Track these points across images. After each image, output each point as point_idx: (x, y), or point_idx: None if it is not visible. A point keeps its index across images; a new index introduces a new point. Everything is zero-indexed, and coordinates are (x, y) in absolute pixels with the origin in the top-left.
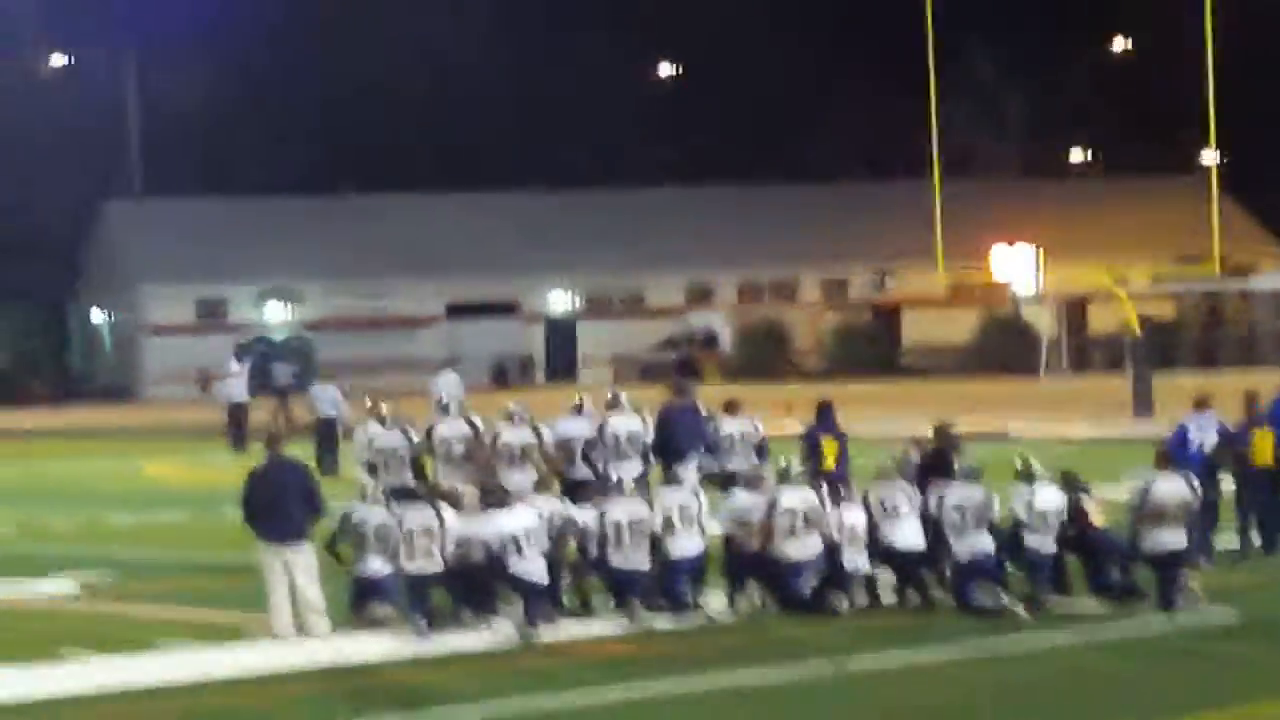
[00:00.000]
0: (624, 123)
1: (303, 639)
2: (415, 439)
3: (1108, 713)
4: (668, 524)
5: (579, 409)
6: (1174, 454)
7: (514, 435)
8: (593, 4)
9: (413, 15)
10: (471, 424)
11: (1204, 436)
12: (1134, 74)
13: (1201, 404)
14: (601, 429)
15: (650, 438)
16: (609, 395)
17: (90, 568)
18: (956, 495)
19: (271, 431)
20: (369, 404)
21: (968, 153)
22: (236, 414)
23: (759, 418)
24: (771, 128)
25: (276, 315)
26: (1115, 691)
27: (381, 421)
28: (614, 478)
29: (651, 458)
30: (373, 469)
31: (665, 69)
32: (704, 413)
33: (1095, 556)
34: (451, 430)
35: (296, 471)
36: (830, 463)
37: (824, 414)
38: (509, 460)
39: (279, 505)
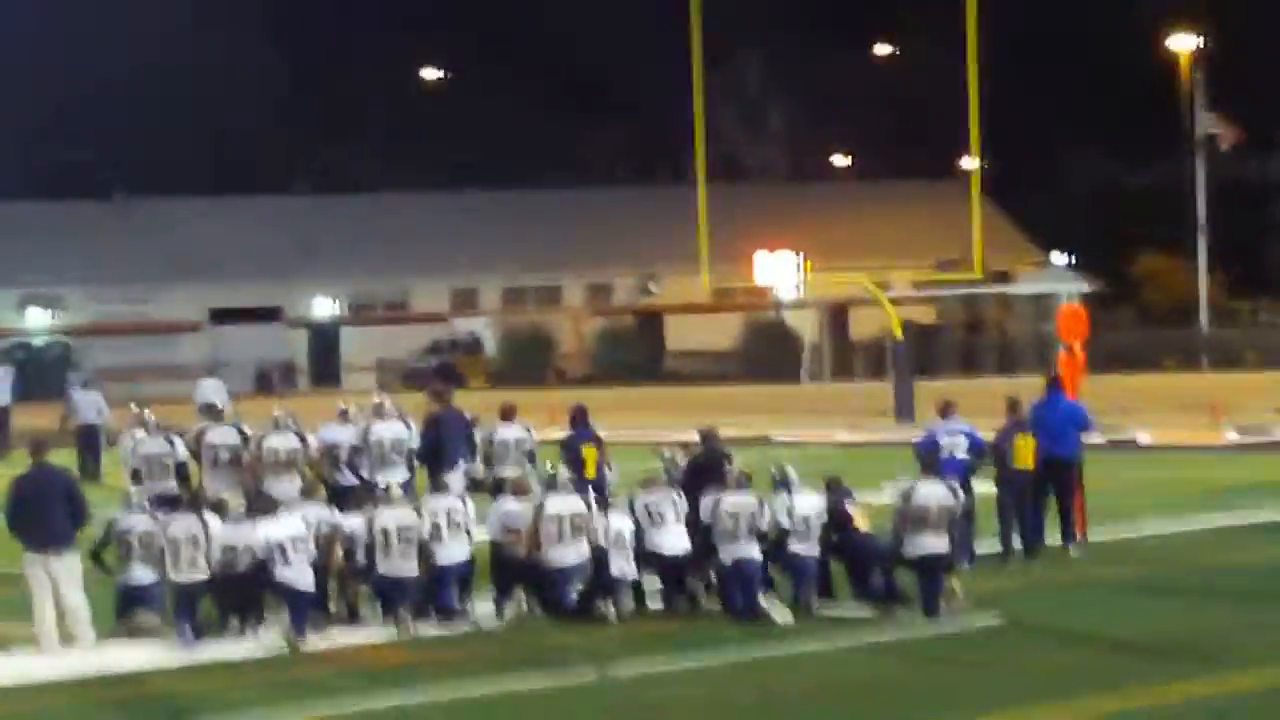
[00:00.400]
0: (391, 126)
1: (68, 648)
2: (180, 445)
3: (871, 718)
4: (435, 530)
5: (344, 415)
6: (925, 460)
7: (280, 441)
8: (364, 6)
9: (182, 12)
10: (240, 430)
11: (954, 442)
12: (897, 79)
13: (946, 410)
14: (366, 435)
15: (415, 444)
16: (374, 401)
17: None
18: (730, 502)
19: (36, 438)
20: (134, 410)
21: (732, 157)
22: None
23: (531, 424)
24: (537, 132)
25: (38, 320)
26: (880, 696)
27: (145, 428)
28: (381, 484)
29: (416, 464)
30: (137, 475)
31: (432, 73)
32: (469, 417)
33: (858, 561)
34: (220, 436)
35: (60, 478)
36: (590, 469)
37: (580, 420)
38: (274, 467)
39: (42, 512)
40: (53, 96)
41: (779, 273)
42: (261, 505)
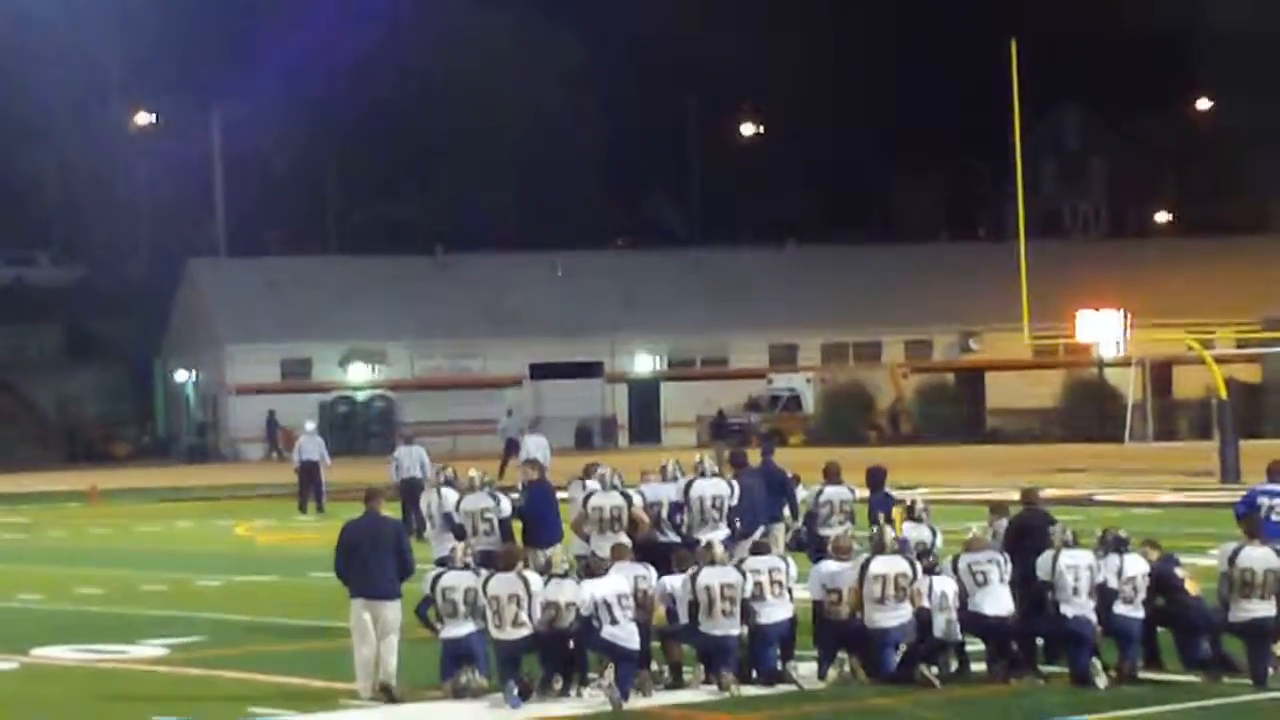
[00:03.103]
0: (711, 181)
1: (393, 706)
2: (505, 502)
3: None
4: (757, 590)
5: (664, 471)
6: (1244, 521)
7: (605, 499)
8: (678, 63)
9: (502, 73)
10: (625, 494)
11: (1273, 503)
12: (1216, 133)
13: (1276, 471)
14: (687, 491)
15: (735, 501)
16: (696, 460)
17: (180, 632)
18: (1068, 558)
19: (370, 487)
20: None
21: (1053, 213)
22: (309, 473)
23: (855, 485)
24: (856, 187)
25: (360, 375)
26: None
27: (470, 485)
28: (702, 542)
29: (737, 523)
30: (460, 531)
31: (748, 128)
32: (789, 476)
33: (1185, 626)
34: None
35: (390, 527)
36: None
37: (879, 482)
38: (600, 524)
39: (371, 560)
40: (376, 153)
41: (1101, 330)
42: (591, 564)
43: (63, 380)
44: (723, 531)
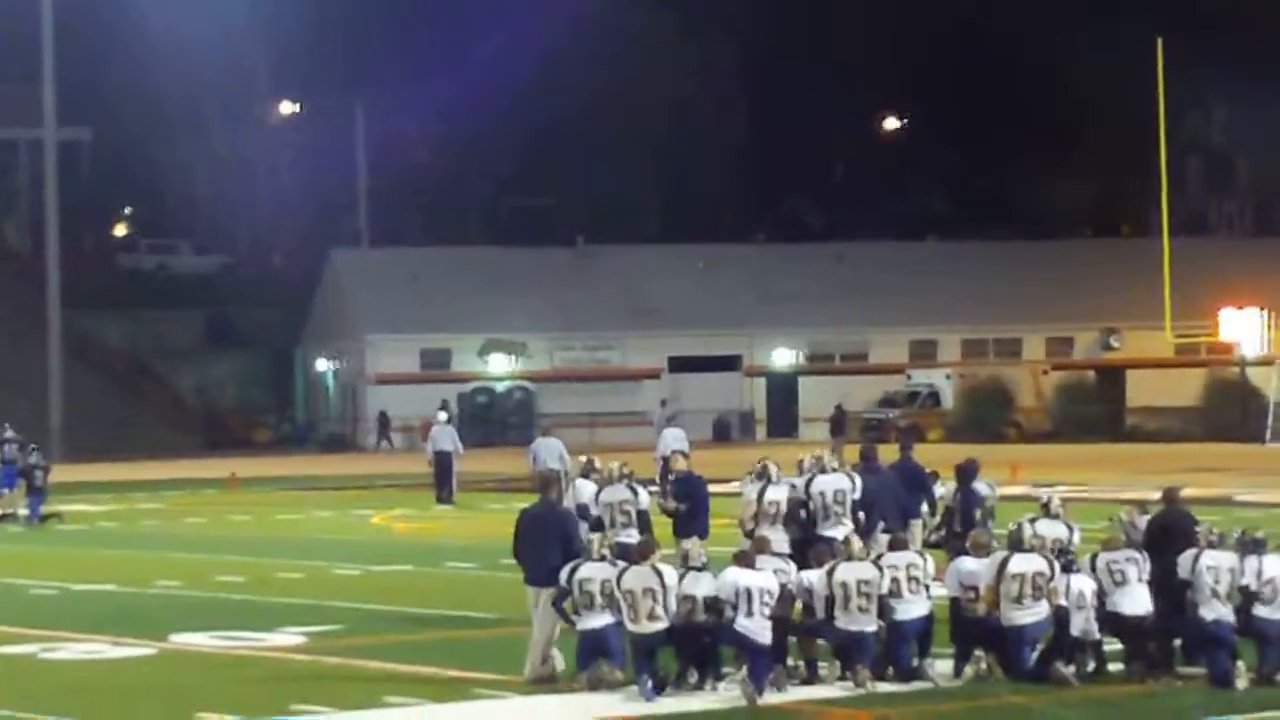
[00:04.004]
0: (852, 174)
1: (526, 697)
2: (643, 494)
3: None
4: (894, 586)
5: (800, 466)
6: None
7: (778, 493)
8: (822, 57)
9: (646, 67)
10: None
11: None
12: None
13: None
14: (809, 487)
15: (858, 495)
16: (814, 455)
17: (317, 620)
18: (1210, 558)
19: (546, 474)
20: (583, 460)
21: (1197, 211)
22: (443, 464)
23: (994, 482)
24: (998, 183)
25: (499, 366)
26: None
27: (610, 476)
28: (840, 537)
29: (862, 518)
30: (599, 523)
31: (891, 122)
32: (928, 473)
33: None
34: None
35: (560, 516)
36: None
37: (969, 476)
38: (773, 519)
39: (540, 548)
40: (518, 144)
41: (1244, 329)
42: (741, 554)
43: (204, 367)
44: (846, 526)
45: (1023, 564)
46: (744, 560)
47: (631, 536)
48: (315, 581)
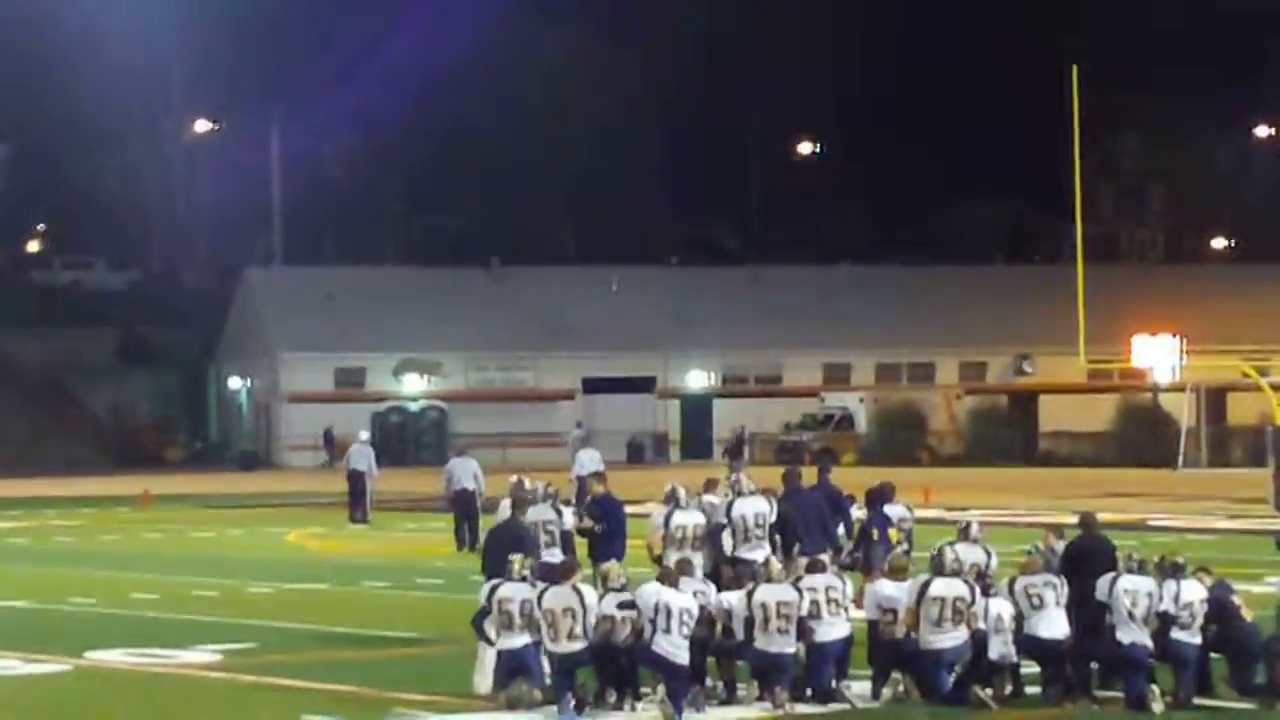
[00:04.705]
0: (765, 200)
1: (455, 715)
2: (568, 515)
3: None
4: (814, 608)
5: (709, 487)
6: None
7: (687, 518)
8: (738, 84)
9: (563, 89)
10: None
11: None
12: (1277, 159)
13: None
14: (729, 510)
15: (774, 519)
16: (731, 477)
17: (232, 638)
18: (1127, 583)
19: (517, 491)
20: (513, 480)
21: (1109, 237)
22: (356, 483)
23: (911, 504)
24: (913, 209)
25: (414, 386)
26: None
27: (534, 496)
28: (761, 559)
29: (778, 540)
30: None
31: (806, 147)
32: (845, 495)
33: (1241, 654)
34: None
35: (524, 531)
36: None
37: (880, 500)
38: (679, 544)
39: (501, 564)
40: (434, 163)
41: (1156, 355)
42: (664, 575)
43: (116, 385)
44: (765, 549)
45: (943, 588)
46: (667, 579)
47: (554, 556)
48: (230, 599)
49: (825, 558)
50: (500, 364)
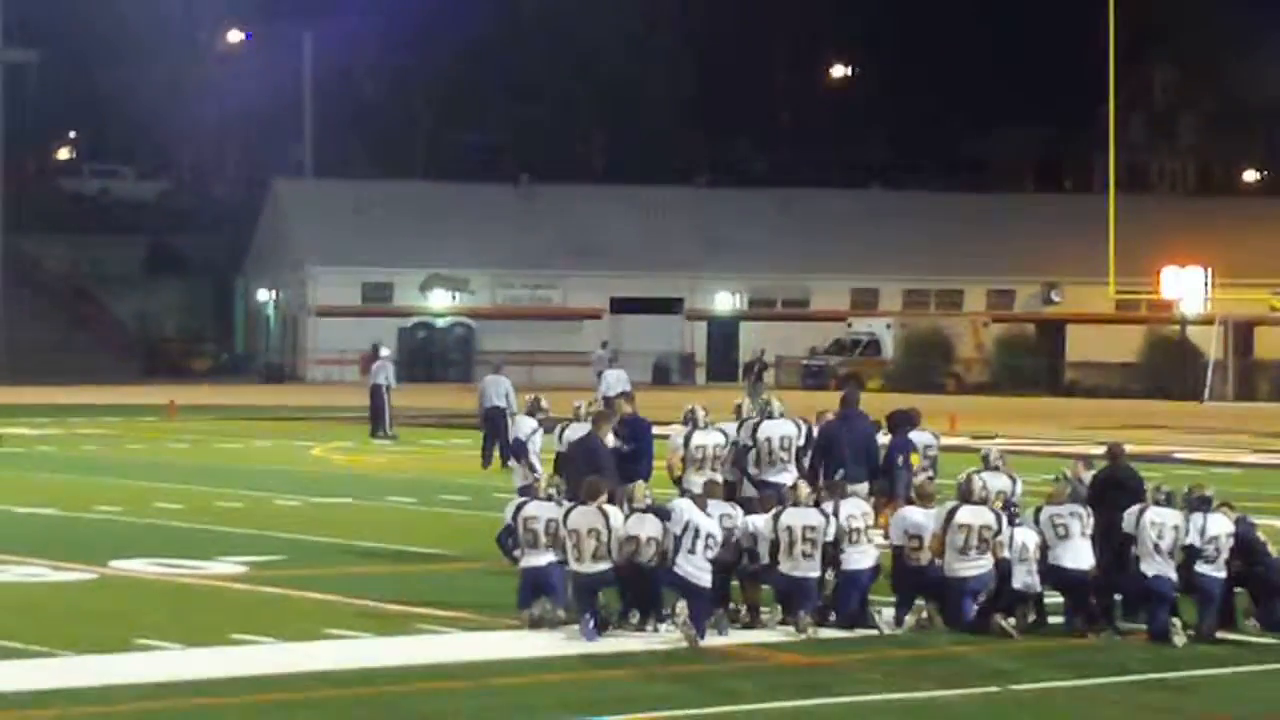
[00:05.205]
0: (799, 122)
1: (467, 634)
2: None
3: None
4: (841, 534)
5: (738, 411)
6: None
7: (705, 438)
8: (771, 3)
9: (596, 7)
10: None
11: None
12: None
13: None
14: (755, 433)
15: (802, 442)
16: (761, 399)
17: (258, 550)
18: (1155, 515)
19: (601, 410)
20: (530, 399)
21: (1140, 168)
22: (377, 398)
23: (935, 431)
24: (944, 135)
25: (441, 302)
26: None
27: (576, 415)
28: (787, 483)
29: (805, 464)
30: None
31: (838, 70)
32: (872, 421)
33: (1266, 589)
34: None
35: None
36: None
37: (903, 424)
38: (697, 464)
39: (579, 476)
40: (465, 79)
41: (1185, 287)
42: (693, 499)
43: (144, 294)
44: (791, 473)
45: (970, 516)
46: (697, 502)
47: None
48: (255, 511)
49: (863, 487)
50: (528, 282)
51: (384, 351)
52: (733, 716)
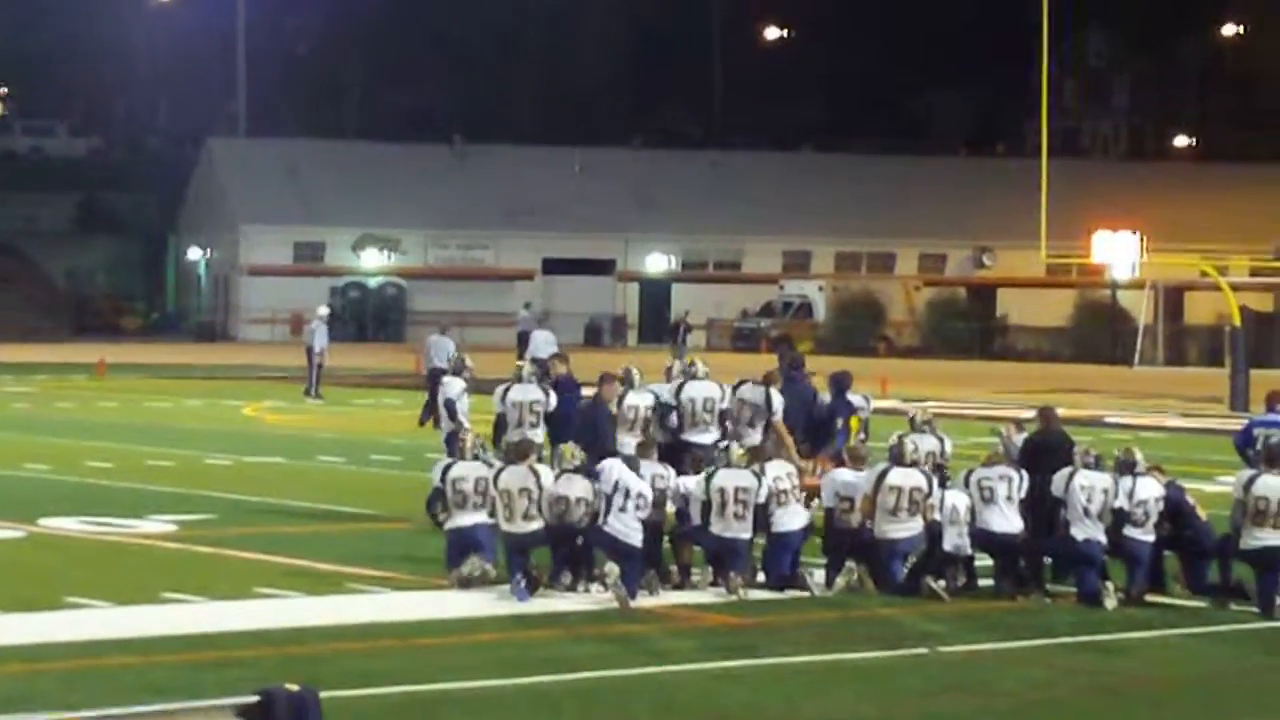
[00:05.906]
0: (732, 84)
1: (399, 593)
2: (552, 396)
3: (1205, 709)
4: (773, 496)
5: (669, 373)
6: (1241, 452)
7: (637, 399)
8: None
9: None
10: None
11: (1268, 433)
12: (1241, 59)
13: (1272, 401)
14: (679, 393)
15: (725, 405)
16: (684, 362)
17: (188, 509)
18: (1084, 479)
19: (607, 374)
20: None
21: (1073, 132)
22: (313, 359)
23: (869, 394)
24: (877, 97)
25: (373, 262)
26: (1212, 687)
27: (518, 375)
28: (708, 443)
29: (728, 426)
30: (501, 423)
31: (772, 32)
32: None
33: (1195, 553)
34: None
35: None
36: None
37: (842, 388)
38: (629, 425)
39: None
40: (399, 41)
41: (1116, 252)
42: (627, 456)
43: (74, 251)
44: (714, 434)
45: (901, 478)
46: (629, 462)
47: (538, 437)
48: (185, 470)
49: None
50: (460, 242)
51: (322, 311)
52: (663, 677)
